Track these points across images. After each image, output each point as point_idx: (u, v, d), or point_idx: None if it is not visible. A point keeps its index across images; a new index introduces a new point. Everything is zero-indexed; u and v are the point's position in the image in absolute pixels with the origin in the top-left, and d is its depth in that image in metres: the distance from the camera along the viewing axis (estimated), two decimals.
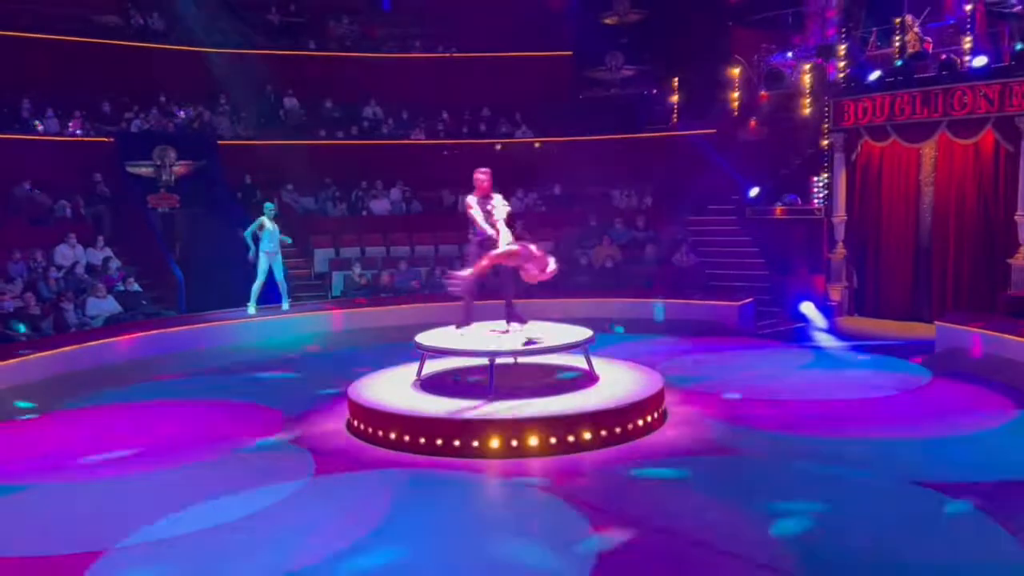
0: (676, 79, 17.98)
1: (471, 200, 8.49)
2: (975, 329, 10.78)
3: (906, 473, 6.71)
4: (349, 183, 17.59)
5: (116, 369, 10.81)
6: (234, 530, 5.96)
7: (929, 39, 13.41)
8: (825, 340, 12.39)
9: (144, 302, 13.19)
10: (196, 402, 9.54)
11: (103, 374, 10.56)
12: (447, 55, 19.28)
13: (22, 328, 11.29)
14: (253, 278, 12.88)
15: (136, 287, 13.34)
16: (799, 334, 12.86)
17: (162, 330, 12.16)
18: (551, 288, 14.16)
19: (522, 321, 8.75)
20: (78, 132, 15.83)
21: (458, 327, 8.63)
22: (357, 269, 15.08)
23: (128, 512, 6.29)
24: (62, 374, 10.33)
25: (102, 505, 6.52)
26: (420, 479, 6.95)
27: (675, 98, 18.06)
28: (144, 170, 15.48)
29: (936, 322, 11.70)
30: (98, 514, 6.32)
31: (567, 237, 15.74)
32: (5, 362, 9.97)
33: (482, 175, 8.56)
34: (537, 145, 18.30)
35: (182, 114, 17.27)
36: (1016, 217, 11.97)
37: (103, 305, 12.48)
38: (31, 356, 10.30)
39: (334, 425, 8.33)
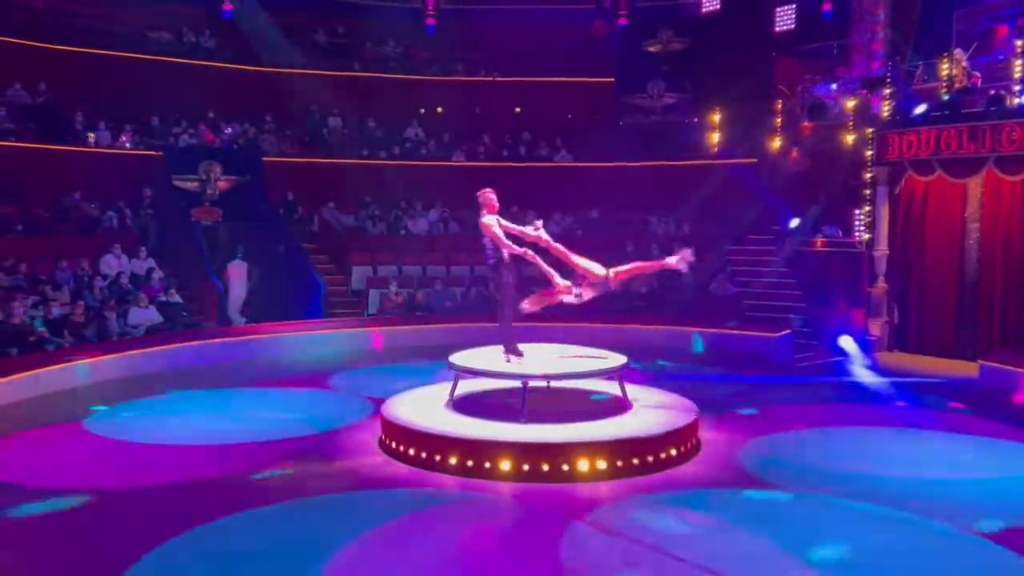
0: (718, 108, 17.95)
1: (491, 220, 8.41)
2: (1020, 369, 10.52)
3: (946, 514, 6.54)
4: (389, 202, 17.77)
5: (151, 379, 10.99)
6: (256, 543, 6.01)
7: (978, 74, 13.22)
8: (864, 375, 12.18)
9: (184, 313, 13.41)
10: (228, 415, 9.64)
11: (135, 384, 10.73)
12: (489, 79, 19.47)
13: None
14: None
15: (177, 298, 13.57)
16: (837, 368, 12.66)
17: (200, 342, 12.35)
18: (584, 312, 14.19)
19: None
20: (127, 145, 16.22)
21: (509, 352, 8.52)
22: (393, 287, 15.19)
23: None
24: (97, 382, 10.56)
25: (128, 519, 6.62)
26: (448, 500, 6.94)
27: (716, 127, 18.01)
28: (190, 184, 15.80)
29: (980, 361, 11.44)
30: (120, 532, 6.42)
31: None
32: (52, 367, 10.23)
33: (492, 194, 8.60)
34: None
35: (229, 130, 17.62)
36: None
37: (145, 315, 12.70)
38: (62, 365, 10.56)
39: (367, 442, 8.35)
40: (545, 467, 7.26)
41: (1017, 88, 12.32)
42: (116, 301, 12.76)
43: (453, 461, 7.42)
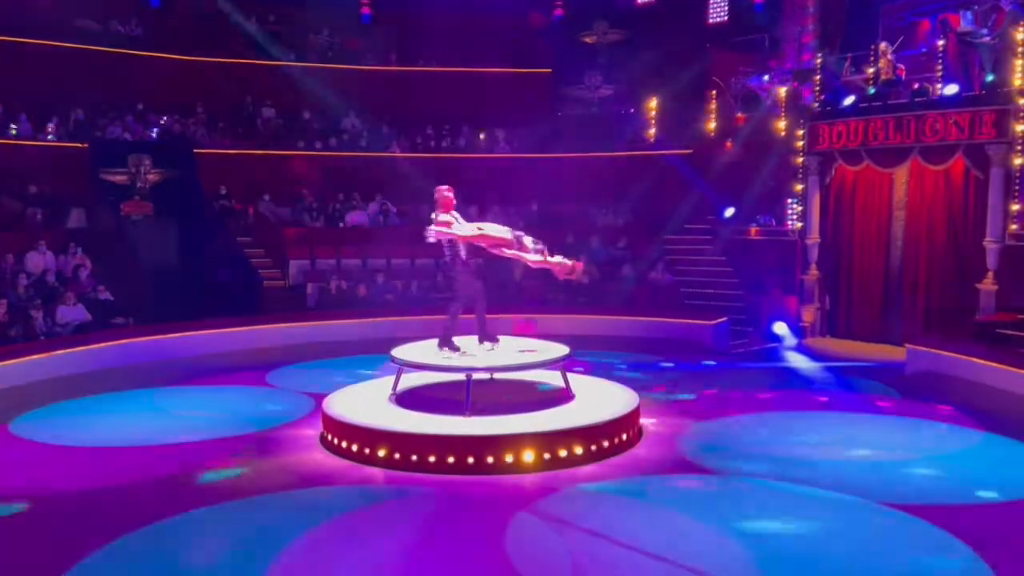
0: (654, 99, 18.16)
1: (447, 218, 8.34)
2: (945, 352, 10.93)
3: (874, 493, 6.77)
4: (327, 194, 17.52)
5: (81, 379, 10.65)
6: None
7: (902, 66, 13.65)
8: (796, 360, 12.52)
9: (114, 311, 13.00)
10: (164, 414, 9.40)
11: (64, 384, 10.38)
12: (427, 68, 19.33)
13: None
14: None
15: (106, 296, 13.16)
16: (771, 354, 12.99)
17: (132, 340, 12.01)
18: (530, 304, 14.26)
19: (494, 340, 8.72)
20: (51, 138, 15.64)
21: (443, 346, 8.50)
22: (333, 281, 14.98)
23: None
24: (24, 384, 10.20)
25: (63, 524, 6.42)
26: (392, 495, 6.91)
27: (652, 118, 18.23)
28: (118, 177, 15.29)
29: (907, 345, 11.86)
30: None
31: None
32: None
33: (448, 192, 8.40)
34: None
35: (160, 122, 17.13)
36: (985, 243, 12.16)
37: (73, 313, 12.29)
38: None
39: (308, 439, 8.25)
40: (490, 459, 7.28)
41: (939, 82, 12.76)
42: (42, 300, 12.32)
43: (397, 456, 7.38)
